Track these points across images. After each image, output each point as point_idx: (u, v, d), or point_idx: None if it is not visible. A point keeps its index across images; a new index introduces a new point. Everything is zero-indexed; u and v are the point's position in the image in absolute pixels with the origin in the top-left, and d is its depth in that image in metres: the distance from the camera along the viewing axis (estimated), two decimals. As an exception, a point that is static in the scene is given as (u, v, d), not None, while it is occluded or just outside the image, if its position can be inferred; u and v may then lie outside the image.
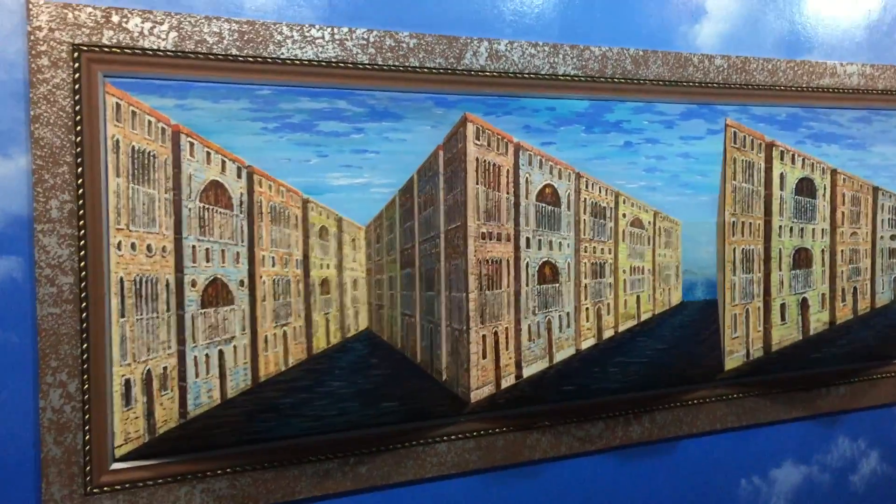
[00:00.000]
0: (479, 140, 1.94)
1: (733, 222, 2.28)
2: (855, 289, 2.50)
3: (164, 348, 1.65)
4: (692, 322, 2.22)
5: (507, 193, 1.98)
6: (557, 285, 2.05)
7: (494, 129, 1.96)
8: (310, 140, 1.73)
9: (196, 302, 1.66)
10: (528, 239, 2.00)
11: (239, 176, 1.66)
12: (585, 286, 2.08)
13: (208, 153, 1.64)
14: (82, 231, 1.63)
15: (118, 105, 1.62)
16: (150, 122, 1.63)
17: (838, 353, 2.47)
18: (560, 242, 2.04)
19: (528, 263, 2.00)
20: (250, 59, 1.76)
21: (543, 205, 2.02)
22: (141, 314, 1.64)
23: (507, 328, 1.99)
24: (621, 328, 2.13)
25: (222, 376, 1.68)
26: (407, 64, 1.91)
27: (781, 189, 2.36)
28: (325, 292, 1.76)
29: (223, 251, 1.66)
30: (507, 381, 2.01)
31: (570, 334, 2.07)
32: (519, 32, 2.06)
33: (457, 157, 1.91)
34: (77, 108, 1.61)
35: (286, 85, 1.78)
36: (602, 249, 2.10)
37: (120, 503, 1.72)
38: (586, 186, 2.05)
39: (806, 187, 2.40)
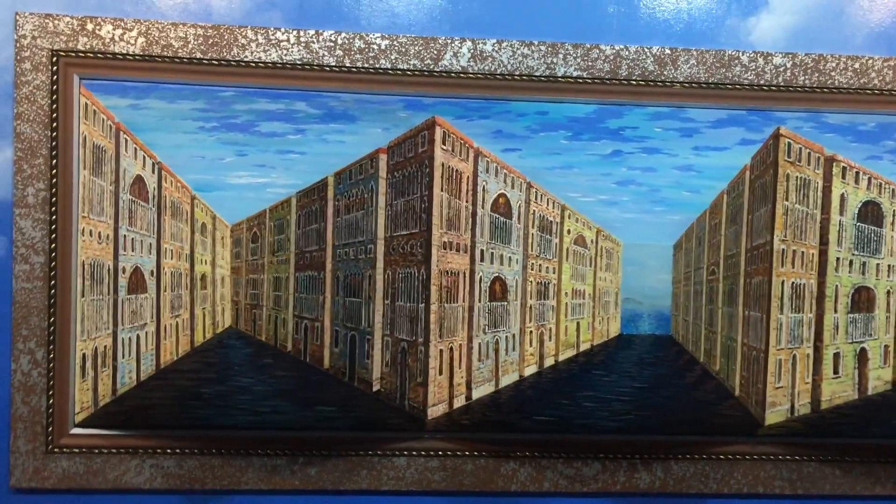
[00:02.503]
0: (444, 145, 1.84)
1: (783, 250, 1.91)
2: None
3: (105, 328, 1.80)
4: (658, 360, 1.89)
5: (466, 202, 1.86)
6: (506, 304, 1.87)
7: (458, 133, 1.85)
8: (239, 140, 1.78)
9: (125, 288, 1.79)
10: (482, 251, 1.86)
11: (153, 171, 1.76)
12: (531, 307, 1.88)
13: (135, 149, 1.75)
14: (54, 216, 1.82)
15: (87, 105, 1.79)
16: (103, 119, 1.78)
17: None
18: (510, 257, 1.86)
19: (481, 277, 1.86)
20: (214, 61, 1.84)
21: (497, 216, 1.86)
22: (93, 295, 1.80)
23: (461, 345, 1.87)
24: (561, 357, 1.89)
25: (138, 360, 1.80)
26: (377, 66, 1.87)
27: (841, 213, 1.92)
28: (203, 287, 1.80)
29: (142, 242, 1.77)
30: (458, 402, 1.89)
31: (515, 358, 1.89)
32: (512, 32, 1.92)
33: (414, 160, 1.84)
34: (54, 106, 1.81)
35: (250, 87, 1.84)
36: (547, 268, 1.89)
37: (77, 465, 1.90)
38: (536, 198, 1.85)
39: (871, 213, 1.93)
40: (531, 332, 1.91)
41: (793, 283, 1.92)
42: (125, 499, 1.92)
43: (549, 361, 1.94)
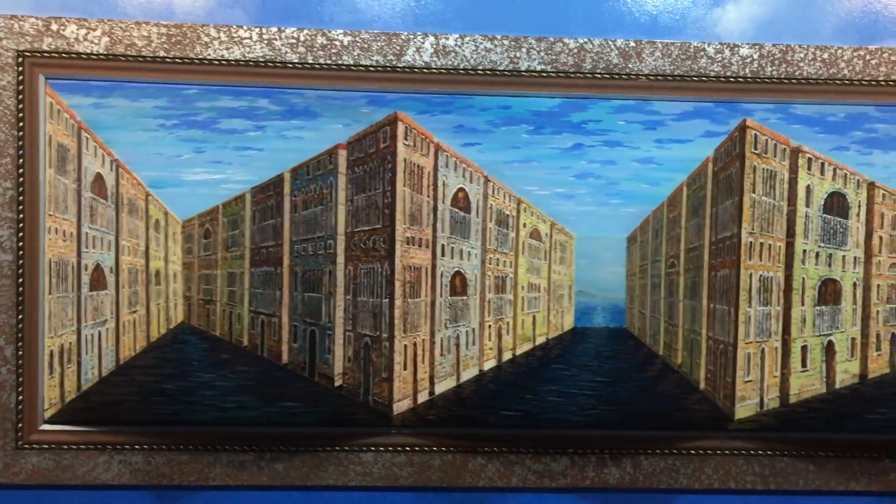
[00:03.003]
0: (406, 140, 1.84)
1: (750, 243, 1.89)
2: (893, 335, 1.92)
3: (70, 325, 1.82)
4: (616, 354, 1.88)
5: (427, 197, 1.86)
6: (465, 298, 1.87)
7: (419, 128, 1.85)
8: (198, 136, 1.80)
9: (87, 285, 1.80)
10: (443, 246, 1.86)
11: (111, 169, 1.78)
12: (489, 301, 1.88)
13: (95, 147, 1.77)
14: (21, 215, 1.84)
15: (51, 104, 1.81)
16: (66, 118, 1.80)
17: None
18: (469, 252, 1.86)
19: (442, 272, 1.86)
20: (177, 60, 1.86)
21: (456, 210, 1.86)
22: (59, 293, 1.82)
23: (423, 340, 1.87)
24: (518, 351, 1.89)
25: (99, 356, 1.81)
26: (340, 62, 1.87)
27: (807, 205, 1.90)
28: (157, 283, 1.81)
29: (102, 239, 1.78)
30: (422, 397, 1.89)
31: (475, 352, 1.89)
32: (476, 26, 1.92)
33: (376, 156, 1.84)
34: (20, 106, 1.83)
35: (213, 84, 1.85)
36: (504, 262, 1.88)
37: (46, 461, 1.92)
38: (493, 192, 1.85)
39: (837, 204, 1.91)
40: (490, 326, 1.91)
41: (760, 275, 1.91)
42: (95, 495, 1.95)
43: (506, 356, 1.94)
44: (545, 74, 1.90)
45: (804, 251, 1.91)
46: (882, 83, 1.92)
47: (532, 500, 1.99)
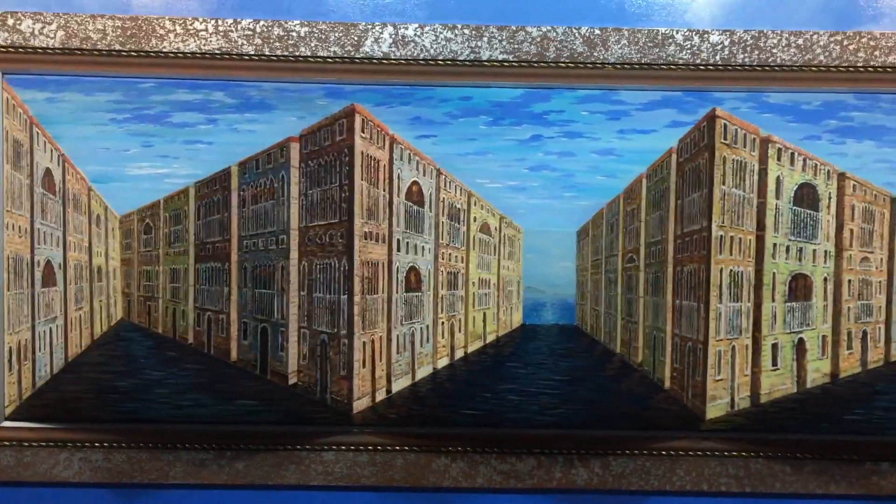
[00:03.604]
0: (363, 133, 1.80)
1: (721, 237, 1.83)
2: (864, 333, 1.85)
3: (25, 322, 1.81)
4: (571, 351, 1.83)
5: (384, 191, 1.82)
6: (420, 294, 1.83)
7: (375, 120, 1.81)
8: (148, 130, 1.78)
9: (39, 281, 1.79)
10: (398, 241, 1.81)
11: (58, 164, 1.76)
12: (442, 297, 1.83)
13: (45, 142, 1.76)
14: (-21, 212, 1.84)
15: (7, 99, 1.80)
16: (20, 113, 1.79)
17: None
18: (423, 247, 1.82)
19: (398, 268, 1.82)
20: (133, 53, 1.84)
21: (411, 204, 1.82)
22: (16, 289, 1.81)
23: (381, 337, 1.83)
24: (470, 348, 1.84)
25: (51, 353, 1.80)
26: (297, 53, 1.84)
27: (777, 197, 1.83)
28: (98, 280, 1.79)
29: (52, 234, 1.77)
30: (380, 395, 1.85)
31: (429, 350, 1.84)
32: (436, 16, 1.88)
33: (332, 149, 1.81)
34: (-23, 102, 1.83)
35: (169, 78, 1.83)
36: (456, 257, 1.84)
37: (7, 458, 1.91)
38: (445, 185, 1.81)
39: (806, 195, 1.83)
40: (443, 322, 1.87)
41: (731, 270, 1.84)
42: (56, 492, 1.93)
43: (458, 353, 1.89)
44: (507, 64, 1.85)
45: (774, 245, 1.84)
46: (860, 69, 1.84)
47: (498, 501, 1.95)
